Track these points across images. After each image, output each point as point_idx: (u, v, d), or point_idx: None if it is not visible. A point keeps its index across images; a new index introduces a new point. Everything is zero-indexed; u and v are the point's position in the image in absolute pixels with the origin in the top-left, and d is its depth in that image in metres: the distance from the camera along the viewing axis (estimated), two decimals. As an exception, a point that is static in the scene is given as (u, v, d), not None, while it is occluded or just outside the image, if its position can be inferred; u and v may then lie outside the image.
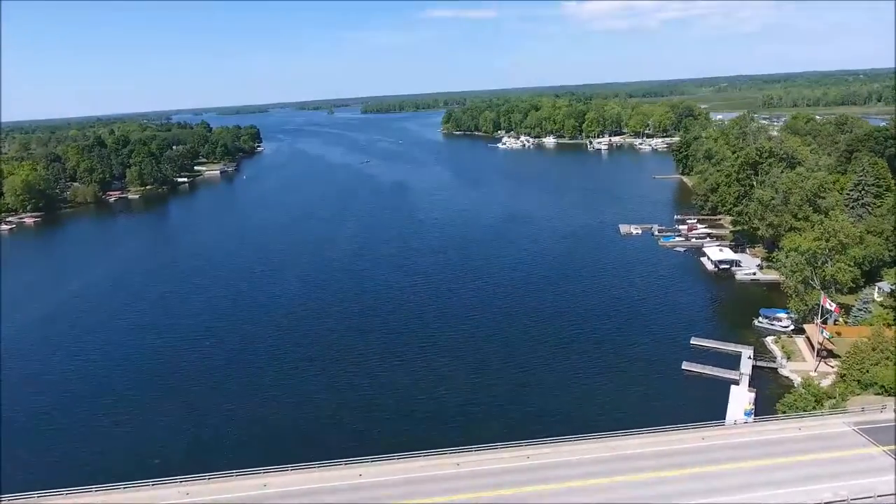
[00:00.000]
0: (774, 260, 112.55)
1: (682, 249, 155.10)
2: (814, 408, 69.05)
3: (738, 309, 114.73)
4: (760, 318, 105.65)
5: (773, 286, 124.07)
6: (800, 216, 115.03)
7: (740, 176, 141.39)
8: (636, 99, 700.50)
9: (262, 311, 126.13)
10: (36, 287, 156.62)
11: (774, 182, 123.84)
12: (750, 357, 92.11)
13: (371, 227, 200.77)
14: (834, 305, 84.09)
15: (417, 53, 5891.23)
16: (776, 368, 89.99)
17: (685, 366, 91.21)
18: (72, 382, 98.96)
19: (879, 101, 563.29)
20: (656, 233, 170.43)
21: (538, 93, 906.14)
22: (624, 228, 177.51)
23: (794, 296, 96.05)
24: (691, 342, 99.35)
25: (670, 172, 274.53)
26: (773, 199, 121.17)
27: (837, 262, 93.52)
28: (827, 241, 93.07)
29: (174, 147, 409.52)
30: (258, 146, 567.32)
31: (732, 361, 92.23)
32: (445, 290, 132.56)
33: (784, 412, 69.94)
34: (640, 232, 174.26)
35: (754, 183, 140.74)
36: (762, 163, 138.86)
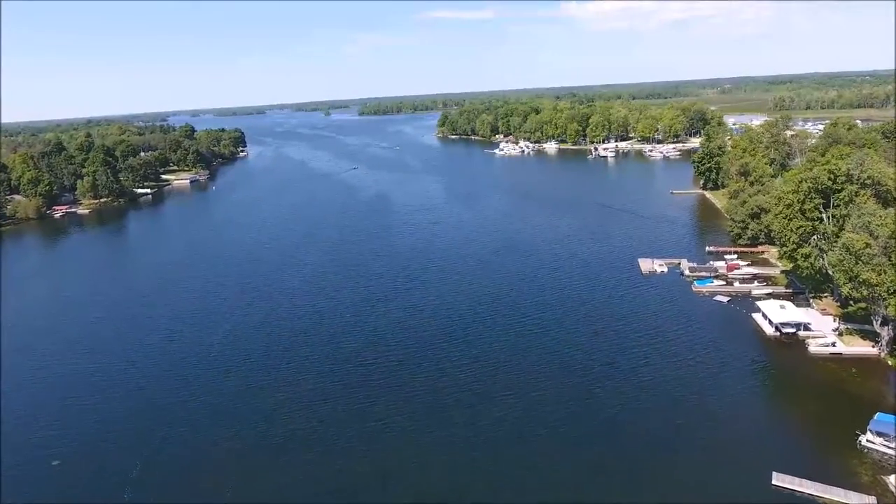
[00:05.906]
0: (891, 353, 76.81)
1: (724, 299, 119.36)
2: None
3: (827, 409, 79.88)
4: (869, 435, 70.99)
5: (864, 364, 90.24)
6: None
7: (806, 207, 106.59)
8: (640, 101, 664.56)
9: (166, 394, 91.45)
10: None
11: (868, 222, 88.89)
12: (877, 522, 57.78)
13: (334, 265, 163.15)
14: None
15: (416, 55, 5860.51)
16: (928, 551, 55.48)
17: (775, 540, 56.69)
18: None
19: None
20: (687, 272, 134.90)
21: (538, 94, 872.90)
22: (645, 264, 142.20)
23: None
24: (774, 482, 64.57)
25: (689, 186, 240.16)
26: (867, 246, 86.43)
27: None
28: None
29: (141, 154, 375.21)
30: (241, 151, 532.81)
31: (849, 529, 57.82)
32: (413, 367, 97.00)
33: None
34: (665, 269, 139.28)
35: (824, 217, 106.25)
36: (838, 190, 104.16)
